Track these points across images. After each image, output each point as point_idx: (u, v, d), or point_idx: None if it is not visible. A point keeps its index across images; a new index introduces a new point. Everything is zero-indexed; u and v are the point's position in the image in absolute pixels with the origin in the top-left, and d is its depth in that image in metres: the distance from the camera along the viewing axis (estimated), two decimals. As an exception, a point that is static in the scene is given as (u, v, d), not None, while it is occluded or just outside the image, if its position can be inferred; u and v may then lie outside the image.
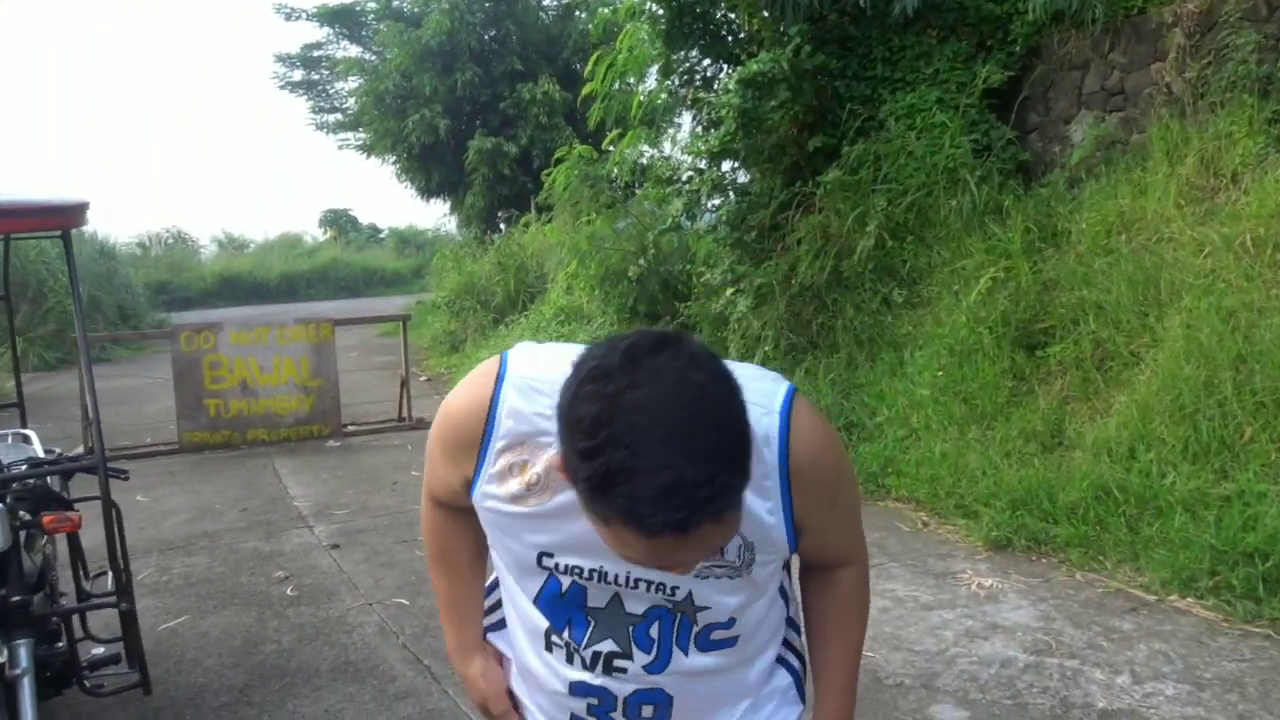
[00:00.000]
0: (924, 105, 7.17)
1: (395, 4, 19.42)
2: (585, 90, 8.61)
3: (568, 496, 1.09)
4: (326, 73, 21.57)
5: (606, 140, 9.44)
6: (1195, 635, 3.51)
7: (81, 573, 3.53)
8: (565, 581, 1.20)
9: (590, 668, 1.23)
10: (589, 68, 8.58)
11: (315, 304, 24.68)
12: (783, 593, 1.38)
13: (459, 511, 1.34)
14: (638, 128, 8.77)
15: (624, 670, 1.22)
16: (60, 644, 3.07)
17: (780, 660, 1.38)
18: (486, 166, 16.98)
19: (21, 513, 2.90)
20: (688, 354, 0.98)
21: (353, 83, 20.25)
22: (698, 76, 8.35)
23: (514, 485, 1.16)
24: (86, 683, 3.03)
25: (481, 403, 1.19)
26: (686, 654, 1.22)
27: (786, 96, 7.27)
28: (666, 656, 1.21)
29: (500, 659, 1.41)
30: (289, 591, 4.71)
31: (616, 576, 1.17)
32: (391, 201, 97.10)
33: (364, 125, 19.61)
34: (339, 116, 22.08)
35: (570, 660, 1.24)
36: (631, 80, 8.74)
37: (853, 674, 1.39)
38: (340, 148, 24.05)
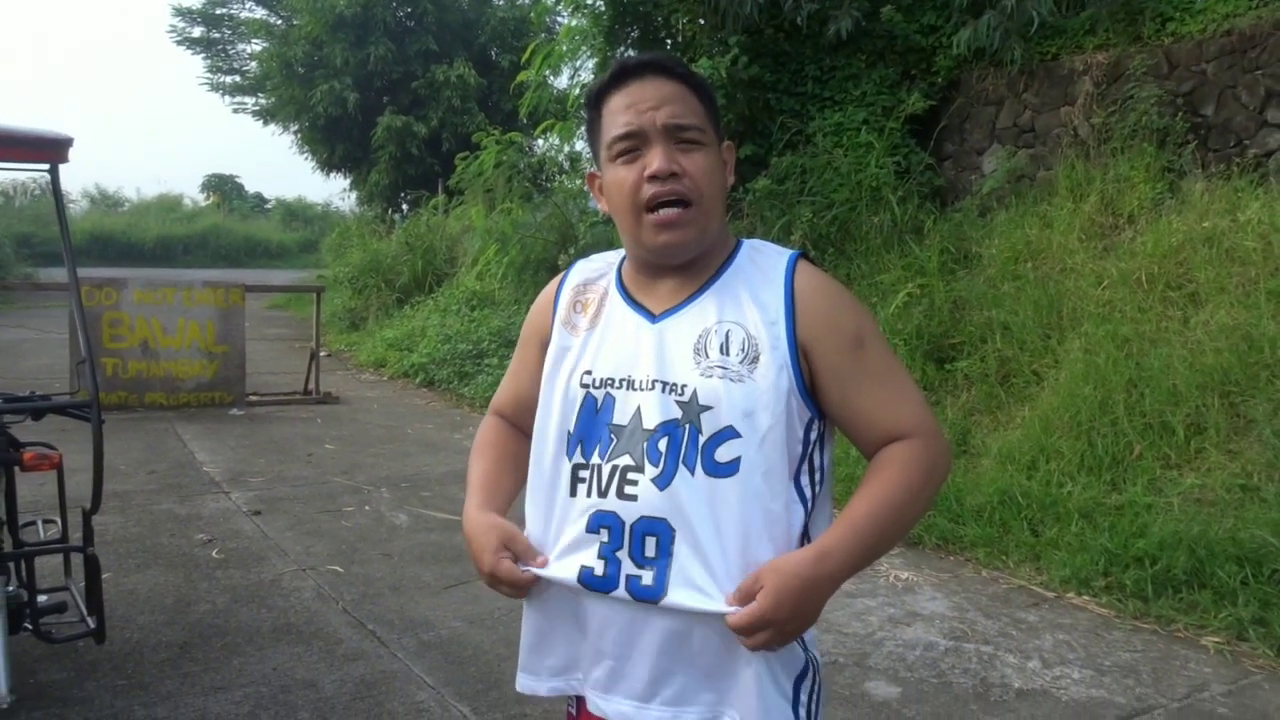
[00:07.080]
0: (851, 124, 7.51)
1: (308, -30, 18.90)
2: (520, 77, 8.63)
3: (609, 314, 1.46)
4: (229, 32, 20.80)
5: (539, 129, 9.50)
6: (1093, 628, 3.86)
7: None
8: (600, 395, 1.42)
9: (606, 491, 1.37)
10: (526, 55, 8.61)
11: (193, 271, 23.68)
12: (799, 492, 1.38)
13: (513, 427, 1.64)
14: (573, 119, 8.88)
15: (635, 484, 1.35)
16: (12, 586, 2.99)
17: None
18: (394, 145, 16.72)
19: (-3, 450, 2.82)
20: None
21: (257, 45, 19.62)
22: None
23: (575, 318, 1.50)
24: (40, 627, 2.96)
25: (558, 278, 1.60)
26: (692, 472, 1.34)
27: (721, 104, 7.48)
28: (672, 469, 1.34)
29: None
30: (214, 554, 4.63)
31: (639, 382, 1.39)
32: (281, 172, 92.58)
33: (267, 91, 19.02)
34: (237, 79, 21.32)
35: (590, 491, 1.39)
36: (564, 72, 8.83)
37: (863, 522, 1.31)
38: (235, 111, 23.15)
